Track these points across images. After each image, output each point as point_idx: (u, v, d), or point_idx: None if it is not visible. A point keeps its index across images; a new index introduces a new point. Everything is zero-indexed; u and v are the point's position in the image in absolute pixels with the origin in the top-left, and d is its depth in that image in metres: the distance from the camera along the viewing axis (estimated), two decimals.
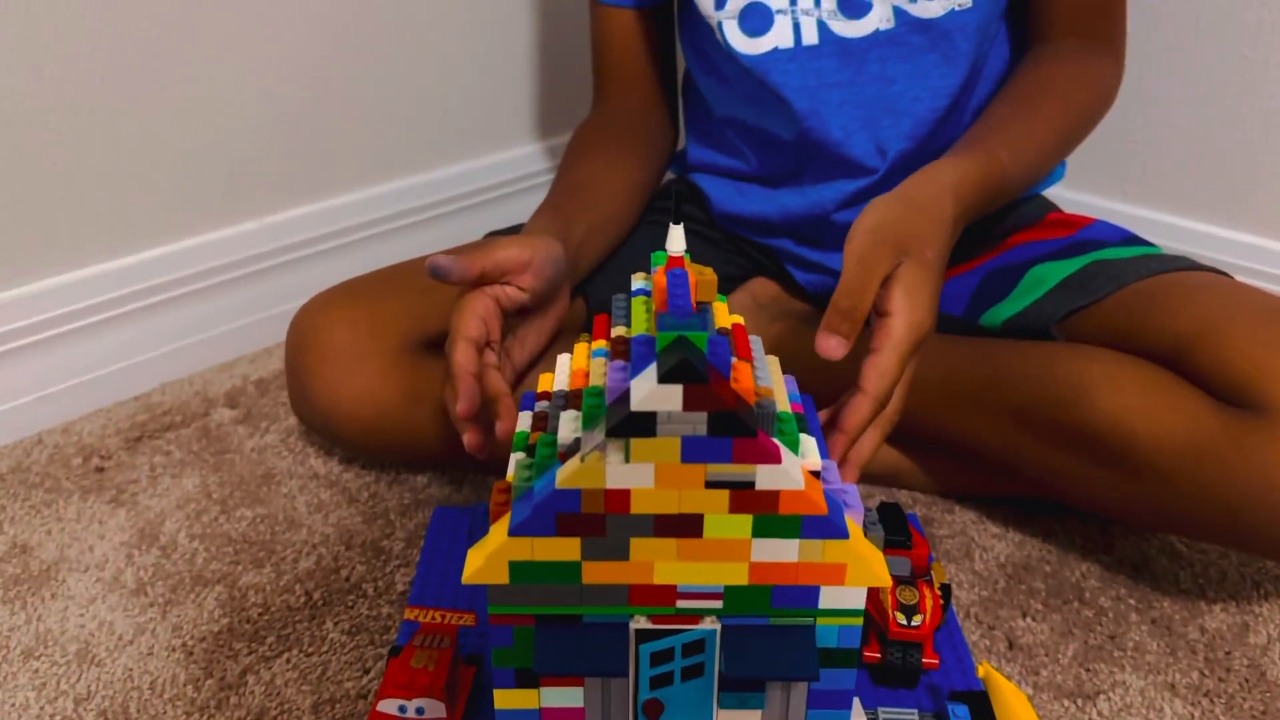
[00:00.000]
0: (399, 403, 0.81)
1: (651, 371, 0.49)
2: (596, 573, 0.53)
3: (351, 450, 0.89)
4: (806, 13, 0.85)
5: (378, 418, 0.81)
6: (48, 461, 0.93)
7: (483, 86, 1.28)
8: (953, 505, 0.88)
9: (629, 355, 0.55)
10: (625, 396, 0.50)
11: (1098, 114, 0.86)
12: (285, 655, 0.72)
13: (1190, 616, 0.77)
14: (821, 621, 0.55)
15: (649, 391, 0.48)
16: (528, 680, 0.56)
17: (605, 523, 0.51)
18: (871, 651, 0.68)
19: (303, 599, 0.77)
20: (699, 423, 0.49)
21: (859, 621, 0.55)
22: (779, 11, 0.85)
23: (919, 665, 0.67)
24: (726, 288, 0.98)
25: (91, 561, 0.81)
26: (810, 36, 0.85)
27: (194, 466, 0.92)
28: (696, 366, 0.48)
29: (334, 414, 0.81)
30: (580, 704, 0.56)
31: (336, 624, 0.75)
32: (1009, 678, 0.71)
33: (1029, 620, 0.76)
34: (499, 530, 0.54)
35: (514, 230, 0.94)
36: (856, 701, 0.62)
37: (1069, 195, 1.26)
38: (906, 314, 0.63)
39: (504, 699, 0.56)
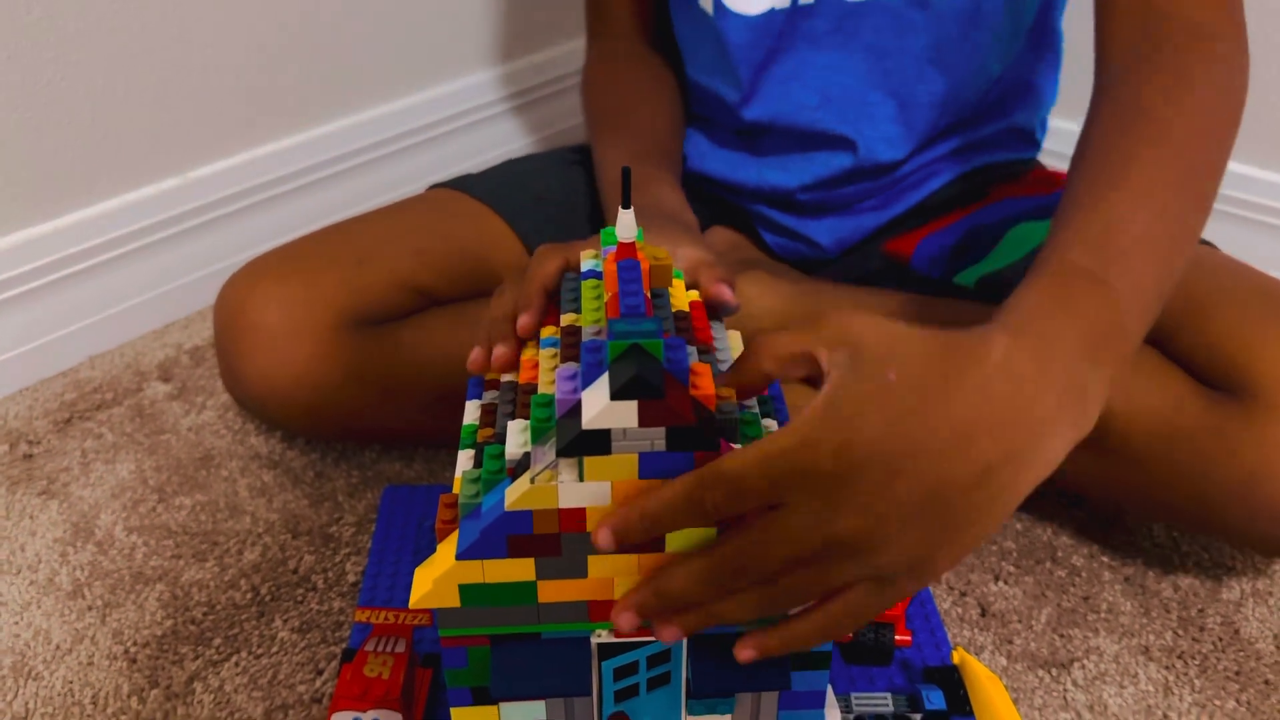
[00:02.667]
0: (340, 384, 0.76)
1: (604, 384, 0.45)
2: (553, 591, 0.50)
3: (291, 433, 0.85)
4: None
5: (317, 401, 0.76)
6: None
7: (419, 9, 1.21)
8: None
9: (578, 355, 0.51)
10: (576, 410, 0.46)
11: (1235, 123, 0.63)
12: (234, 658, 0.69)
13: (1163, 573, 0.75)
14: None
15: (602, 409, 0.44)
16: (485, 698, 0.53)
17: (560, 541, 0.48)
18: None
19: (249, 595, 0.74)
20: (657, 438, 0.45)
21: None
22: None
23: (891, 644, 0.66)
24: None
25: (24, 562, 0.77)
26: None
27: (128, 450, 0.87)
28: (652, 381, 0.44)
29: (269, 398, 0.76)
30: (542, 718, 0.54)
31: (286, 621, 0.72)
32: (982, 649, 0.70)
33: (1001, 584, 0.75)
34: (446, 551, 0.50)
35: (461, 183, 0.88)
36: (829, 689, 0.60)
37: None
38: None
39: (461, 717, 0.53)
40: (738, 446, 0.47)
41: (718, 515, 0.44)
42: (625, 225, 0.53)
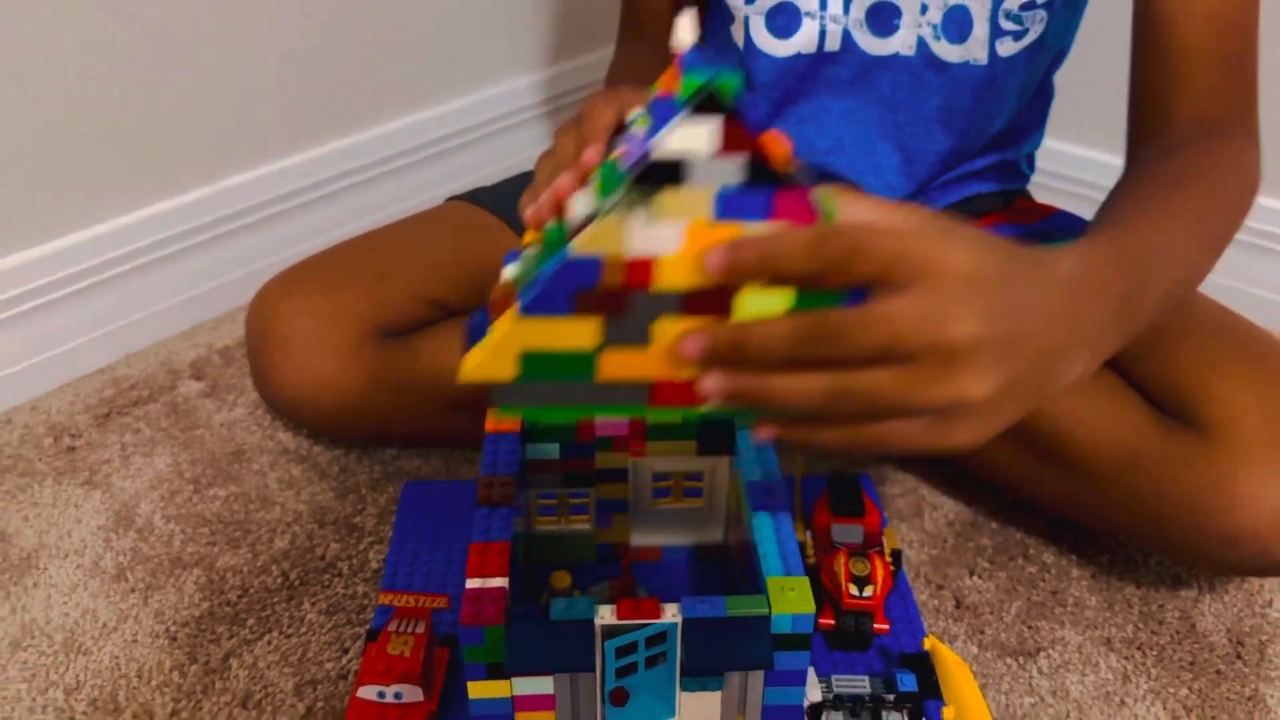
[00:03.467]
0: (362, 390, 0.82)
1: (679, 118, 0.41)
2: (614, 367, 0.47)
3: (317, 433, 0.91)
4: (835, 20, 0.83)
5: (341, 406, 0.83)
6: (19, 442, 0.94)
7: (455, 18, 1.26)
8: (904, 463, 0.91)
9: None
10: (647, 158, 0.42)
11: (1246, 206, 0.68)
12: (266, 637, 0.75)
13: (1127, 571, 0.81)
14: (777, 611, 0.58)
15: (679, 131, 0.41)
16: (499, 672, 0.59)
17: (626, 301, 0.45)
18: (826, 619, 0.72)
19: (280, 580, 0.80)
20: (734, 173, 0.42)
21: (811, 609, 0.58)
22: (808, 14, 0.83)
23: (870, 631, 0.71)
24: None
25: (70, 548, 0.83)
26: (833, 44, 0.84)
27: (164, 444, 0.94)
28: (730, 102, 0.41)
29: (298, 403, 0.83)
30: (550, 691, 0.60)
31: (314, 604, 0.78)
32: (955, 638, 0.75)
33: (976, 579, 0.80)
34: (503, 321, 0.46)
35: (476, 196, 0.94)
36: (811, 671, 0.66)
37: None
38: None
39: (477, 690, 0.59)
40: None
41: (831, 269, 0.42)
42: (684, 28, 0.45)
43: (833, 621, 0.72)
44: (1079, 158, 1.26)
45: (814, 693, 0.66)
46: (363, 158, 1.23)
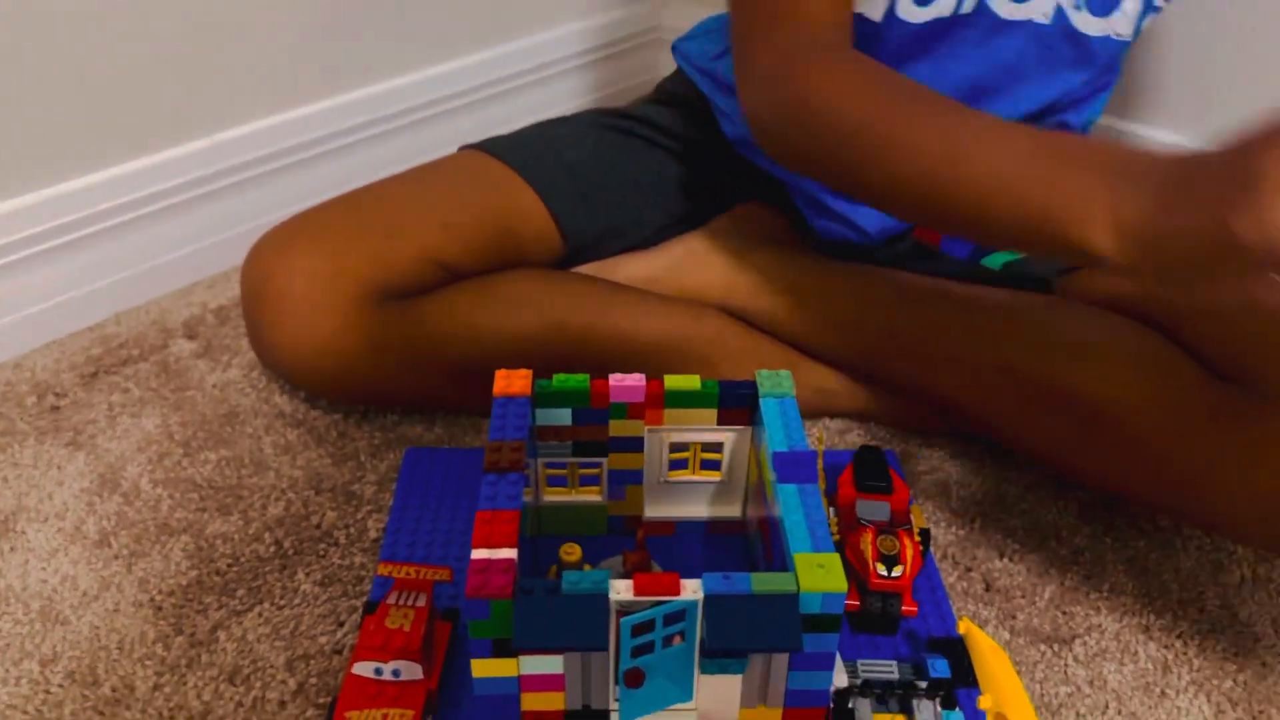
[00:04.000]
0: (362, 354, 0.78)
1: None
2: None
3: (315, 396, 0.86)
4: None
5: (341, 370, 0.78)
6: (0, 400, 0.90)
7: None
8: (931, 439, 0.87)
9: None
10: None
11: None
12: (257, 609, 0.71)
13: (1165, 555, 0.77)
14: (805, 589, 0.54)
15: None
16: (505, 650, 0.55)
17: None
18: (851, 599, 0.68)
19: (273, 548, 0.75)
20: None
21: (843, 588, 0.54)
22: None
23: (898, 613, 0.67)
24: (711, 212, 0.93)
25: (51, 510, 0.78)
26: (969, 6, 0.80)
27: (154, 405, 0.89)
28: None
29: (295, 365, 0.78)
30: (559, 670, 0.56)
31: (308, 575, 0.73)
32: (986, 622, 0.71)
33: (1006, 560, 0.76)
34: None
35: (492, 147, 0.89)
36: (836, 655, 0.62)
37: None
38: None
39: (481, 668, 0.55)
40: None
41: None
42: None
43: (857, 602, 0.68)
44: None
45: (839, 677, 0.62)
46: (373, 111, 1.17)
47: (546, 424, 0.70)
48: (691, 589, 0.54)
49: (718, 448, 0.72)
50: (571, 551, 0.68)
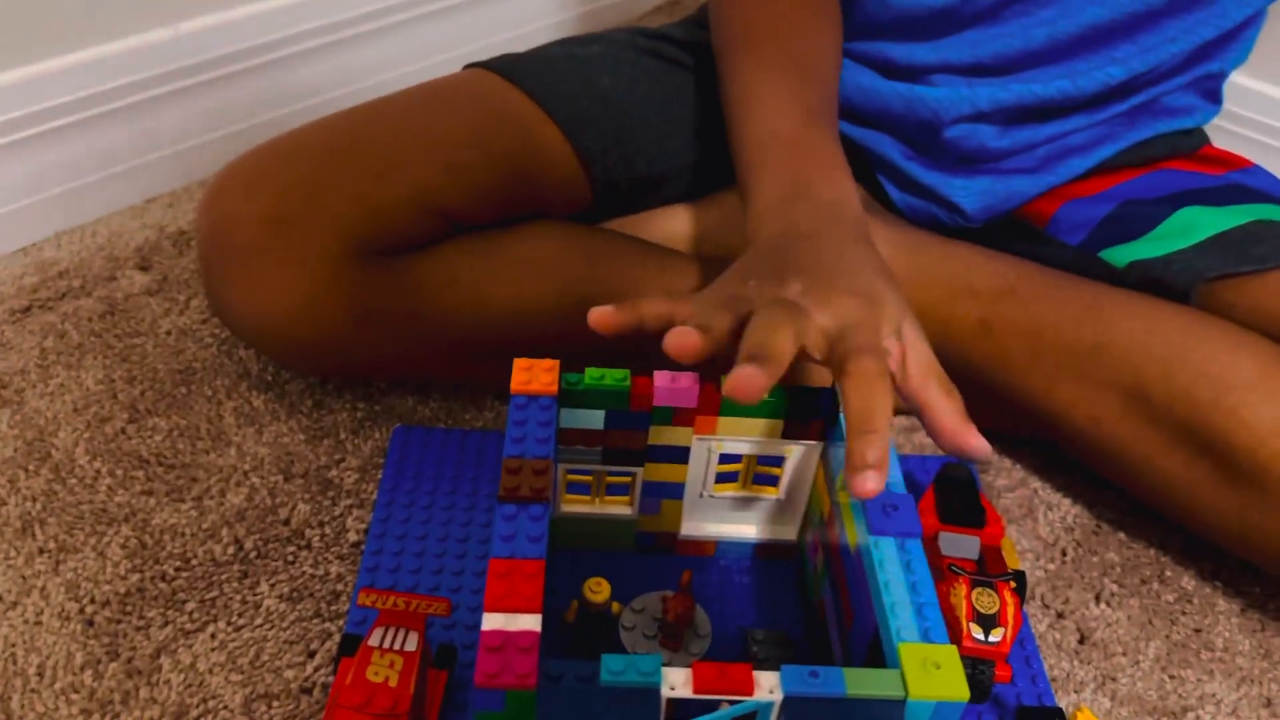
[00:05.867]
0: (343, 323, 0.63)
1: None
2: None
3: (285, 368, 0.73)
4: None
5: (318, 340, 0.63)
6: None
7: None
8: (1009, 446, 0.74)
9: None
10: None
11: None
12: (209, 628, 0.58)
13: None
14: (915, 696, 0.42)
15: None
16: None
17: None
18: None
19: (232, 549, 0.63)
20: None
21: (965, 696, 0.42)
22: None
23: (991, 682, 0.56)
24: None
25: None
26: None
27: (96, 354, 0.75)
28: None
29: (261, 333, 0.63)
30: None
31: (274, 586, 0.61)
32: (1083, 685, 0.60)
33: (1103, 606, 0.65)
34: None
35: (510, 70, 0.72)
36: None
37: None
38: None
39: None
40: None
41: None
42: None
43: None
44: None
45: None
46: (360, 7, 1.01)
47: (573, 426, 0.57)
48: (768, 686, 0.42)
49: (778, 461, 0.59)
50: (599, 590, 0.56)
